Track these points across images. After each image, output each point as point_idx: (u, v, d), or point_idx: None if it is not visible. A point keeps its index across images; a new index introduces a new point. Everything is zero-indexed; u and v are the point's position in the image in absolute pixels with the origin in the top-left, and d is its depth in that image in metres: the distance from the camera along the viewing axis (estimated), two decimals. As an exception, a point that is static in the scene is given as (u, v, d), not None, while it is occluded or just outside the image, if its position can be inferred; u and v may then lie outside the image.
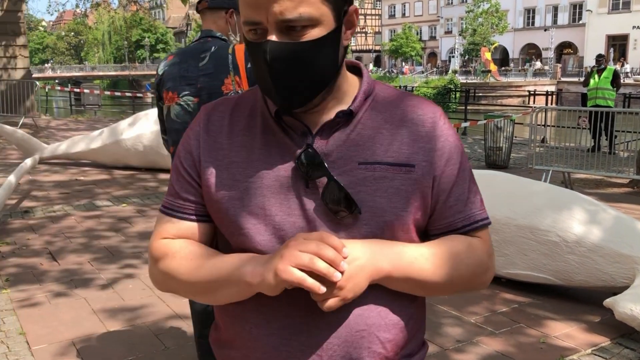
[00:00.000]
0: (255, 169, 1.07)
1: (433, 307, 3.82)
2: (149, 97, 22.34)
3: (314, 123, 1.07)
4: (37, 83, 16.61)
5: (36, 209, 6.33)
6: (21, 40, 17.00)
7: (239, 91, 2.29)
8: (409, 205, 1.05)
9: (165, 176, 8.15)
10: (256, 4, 0.97)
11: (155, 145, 8.10)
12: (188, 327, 3.52)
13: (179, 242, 1.12)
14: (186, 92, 2.33)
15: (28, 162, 6.73)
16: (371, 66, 61.53)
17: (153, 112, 8.33)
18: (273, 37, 0.98)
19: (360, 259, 0.99)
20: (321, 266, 0.93)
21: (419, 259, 1.05)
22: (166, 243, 1.13)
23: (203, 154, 1.11)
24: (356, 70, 1.15)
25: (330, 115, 1.06)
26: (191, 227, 1.13)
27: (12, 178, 5.98)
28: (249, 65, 2.27)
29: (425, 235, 1.13)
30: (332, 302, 0.96)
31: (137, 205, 6.57)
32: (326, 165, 1.03)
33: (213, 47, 2.34)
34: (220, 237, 1.16)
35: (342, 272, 0.95)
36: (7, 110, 14.77)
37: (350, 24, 1.06)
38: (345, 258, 0.96)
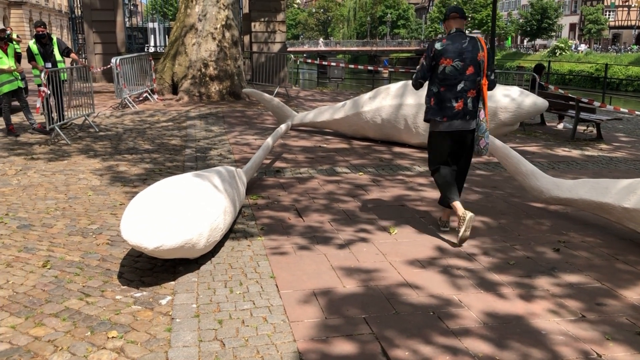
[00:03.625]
0: None
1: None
2: (386, 72, 22.93)
3: None
4: (292, 56, 18.24)
5: (286, 169, 7.04)
6: (280, 16, 18.79)
7: (483, 60, 4.48)
8: None
9: (399, 149, 8.36)
10: None
11: (392, 119, 8.33)
12: (417, 295, 3.62)
13: None
14: (457, 59, 4.45)
15: (282, 127, 7.45)
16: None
17: (394, 87, 8.54)
18: None
19: None
20: None
21: None
22: None
23: None
24: None
25: None
26: None
27: (269, 140, 6.72)
28: (487, 46, 4.54)
29: None
30: None
31: (372, 174, 6.88)
32: None
33: (468, 37, 4.48)
34: None
35: None
36: (265, 80, 16.54)
37: None
38: None
